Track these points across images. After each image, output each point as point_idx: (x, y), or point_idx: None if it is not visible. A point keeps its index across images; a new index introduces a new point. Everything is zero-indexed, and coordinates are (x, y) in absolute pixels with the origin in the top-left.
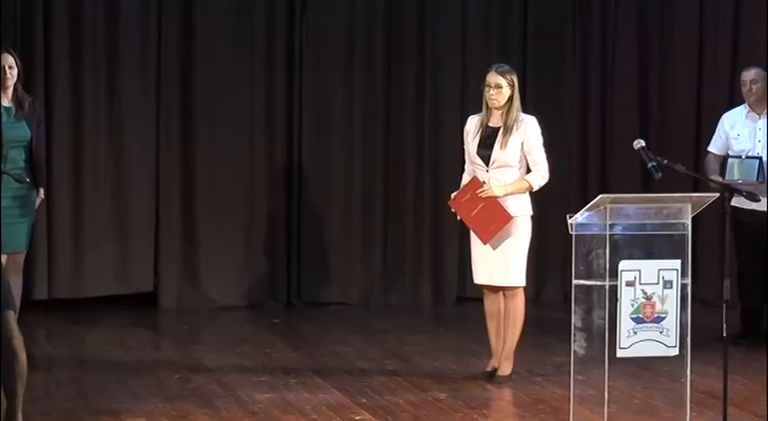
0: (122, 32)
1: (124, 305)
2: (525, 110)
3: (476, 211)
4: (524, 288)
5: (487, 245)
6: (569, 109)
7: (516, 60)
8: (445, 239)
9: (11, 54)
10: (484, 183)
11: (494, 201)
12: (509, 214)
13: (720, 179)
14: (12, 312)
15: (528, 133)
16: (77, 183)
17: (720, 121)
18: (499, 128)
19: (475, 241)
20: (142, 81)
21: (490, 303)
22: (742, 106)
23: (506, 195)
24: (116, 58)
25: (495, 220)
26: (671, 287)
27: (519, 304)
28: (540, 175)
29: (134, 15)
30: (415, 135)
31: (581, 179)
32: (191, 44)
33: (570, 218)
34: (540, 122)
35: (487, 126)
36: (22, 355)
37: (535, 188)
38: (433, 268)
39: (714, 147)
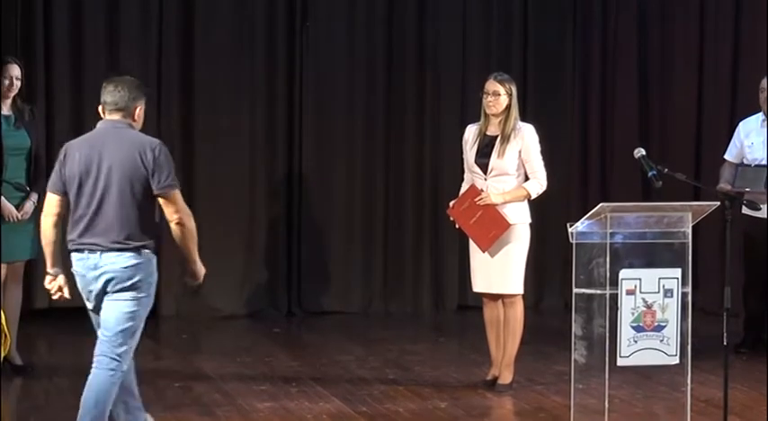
0: (123, 42)
1: None
2: (525, 118)
3: (474, 219)
4: (523, 296)
5: (486, 253)
6: (570, 117)
7: (517, 69)
8: (445, 248)
9: (18, 65)
10: (482, 190)
11: (492, 208)
12: (507, 221)
13: (728, 187)
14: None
15: (525, 141)
16: None
17: (737, 129)
18: (497, 136)
19: (474, 249)
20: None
21: (489, 312)
22: (759, 114)
23: (504, 203)
24: (116, 66)
25: (494, 228)
26: (671, 296)
27: (518, 312)
28: (539, 184)
29: (134, 26)
30: (415, 144)
31: (581, 188)
32: (191, 54)
33: (571, 226)
34: (541, 131)
35: (485, 134)
36: None
37: (533, 196)
38: (434, 277)
39: (729, 155)
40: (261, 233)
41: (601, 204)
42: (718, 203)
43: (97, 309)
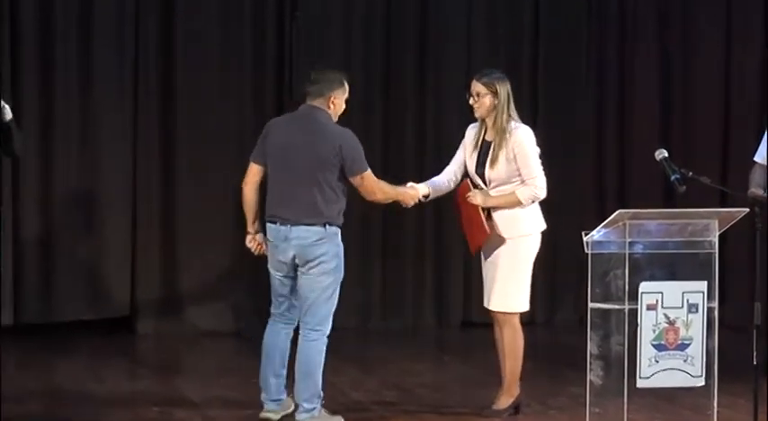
0: (96, 38)
1: (98, 331)
2: (536, 117)
3: (465, 218)
4: (523, 314)
5: (485, 265)
6: (584, 115)
7: (527, 67)
8: (450, 259)
9: None
10: (471, 188)
11: (477, 213)
12: (486, 230)
13: (759, 192)
14: None
15: (516, 145)
16: (47, 197)
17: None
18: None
19: (483, 258)
20: (118, 93)
21: (495, 328)
22: None
23: (494, 208)
24: (89, 66)
25: (476, 234)
26: (696, 311)
27: (511, 333)
28: (532, 190)
29: (110, 15)
30: (415, 147)
31: (597, 193)
32: (171, 51)
33: (586, 235)
34: (553, 131)
35: (484, 140)
36: None
37: (525, 203)
38: (437, 290)
39: (759, 157)
40: None
41: (619, 211)
42: (748, 210)
43: (285, 278)
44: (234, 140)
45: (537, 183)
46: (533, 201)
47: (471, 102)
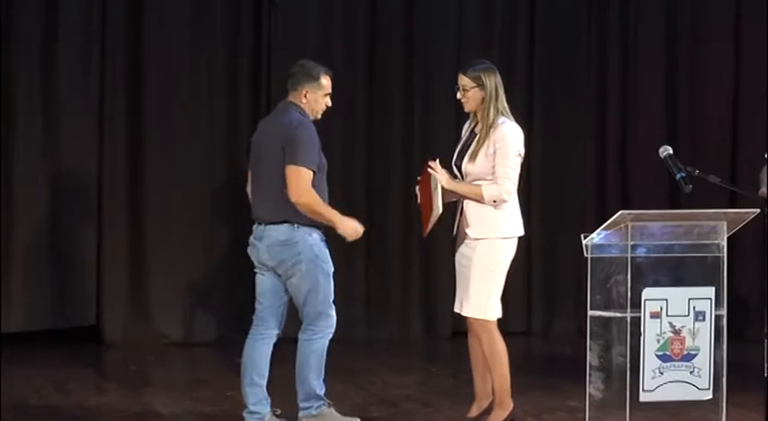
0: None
1: (62, 341)
2: (532, 112)
3: (422, 194)
4: (499, 320)
5: (459, 267)
6: (584, 111)
7: (522, 55)
8: (438, 264)
9: None
10: (433, 165)
11: (433, 191)
12: (439, 208)
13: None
14: None
15: (498, 141)
16: (6, 197)
17: None
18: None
19: (456, 260)
20: (83, 92)
21: (469, 336)
22: None
23: (461, 197)
24: (53, 62)
25: (426, 214)
26: (703, 319)
27: (490, 340)
28: (498, 190)
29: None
30: (402, 148)
31: (598, 192)
32: (140, 43)
33: (585, 238)
34: (552, 131)
35: (472, 132)
36: None
37: (486, 200)
38: (424, 298)
39: None
40: (221, 247)
41: (620, 212)
42: (758, 210)
43: (262, 274)
44: (205, 140)
45: (506, 186)
46: (495, 202)
47: (459, 96)
